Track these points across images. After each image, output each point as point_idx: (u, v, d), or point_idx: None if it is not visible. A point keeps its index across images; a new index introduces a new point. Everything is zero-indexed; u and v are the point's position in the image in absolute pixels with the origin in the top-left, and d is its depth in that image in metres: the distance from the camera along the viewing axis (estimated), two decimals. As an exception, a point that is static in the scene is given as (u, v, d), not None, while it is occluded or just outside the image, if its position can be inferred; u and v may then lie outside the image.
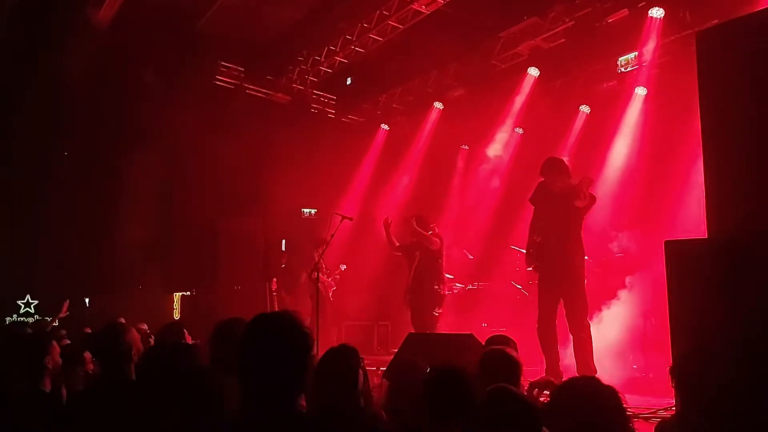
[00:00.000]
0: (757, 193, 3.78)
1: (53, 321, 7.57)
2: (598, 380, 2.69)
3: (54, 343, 3.47)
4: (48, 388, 3.39)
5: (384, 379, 3.57)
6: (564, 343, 6.45)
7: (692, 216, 7.20)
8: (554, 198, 6.41)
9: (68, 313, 7.55)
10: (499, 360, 3.26)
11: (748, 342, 3.40)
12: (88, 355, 4.03)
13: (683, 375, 3.01)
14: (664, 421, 3.38)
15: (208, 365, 3.00)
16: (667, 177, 8.23)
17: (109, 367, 3.30)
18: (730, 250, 3.74)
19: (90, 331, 7.50)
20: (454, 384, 2.68)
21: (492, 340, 4.11)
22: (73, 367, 3.80)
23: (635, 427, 2.56)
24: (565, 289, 6.25)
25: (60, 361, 3.48)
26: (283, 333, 2.10)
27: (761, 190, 3.76)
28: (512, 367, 3.25)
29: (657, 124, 8.90)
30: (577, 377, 2.97)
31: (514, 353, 3.33)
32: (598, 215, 7.28)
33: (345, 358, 2.99)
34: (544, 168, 6.49)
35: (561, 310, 6.37)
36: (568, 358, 6.44)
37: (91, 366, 4.00)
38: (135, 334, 3.43)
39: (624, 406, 2.52)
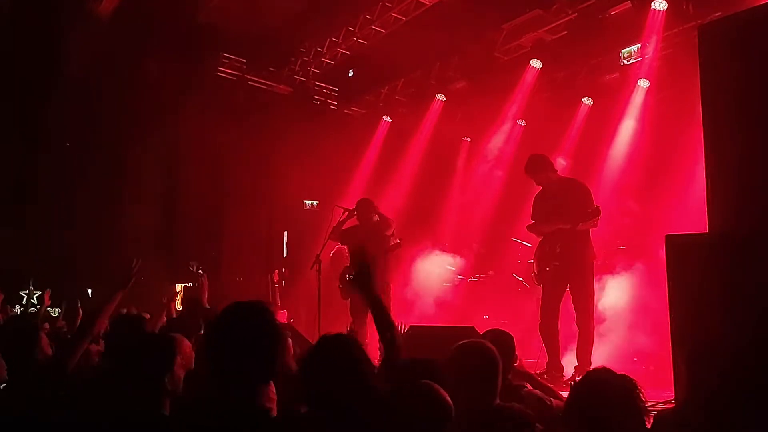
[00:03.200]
0: (758, 188, 3.79)
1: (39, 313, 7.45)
2: (613, 372, 2.70)
3: (42, 334, 3.49)
4: (37, 380, 3.39)
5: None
6: (564, 337, 6.47)
7: (694, 210, 7.21)
8: (558, 196, 6.42)
9: (50, 302, 7.51)
10: (471, 354, 3.09)
11: (747, 336, 3.41)
12: (93, 347, 4.04)
13: (687, 368, 3.03)
14: (662, 411, 3.40)
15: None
16: (669, 170, 8.24)
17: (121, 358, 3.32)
18: (730, 245, 3.75)
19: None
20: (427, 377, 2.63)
21: (488, 335, 4.12)
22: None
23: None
24: (574, 277, 6.24)
25: (50, 351, 3.50)
26: (252, 322, 2.11)
27: (763, 186, 3.76)
28: (485, 361, 3.04)
29: (659, 116, 8.90)
30: (594, 370, 2.96)
31: (491, 346, 3.14)
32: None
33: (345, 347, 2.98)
34: (527, 168, 6.56)
35: (563, 306, 6.38)
36: (568, 351, 6.48)
37: (96, 358, 4.02)
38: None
39: (641, 397, 2.54)
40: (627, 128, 9.42)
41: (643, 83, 9.20)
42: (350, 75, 11.54)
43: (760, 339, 3.32)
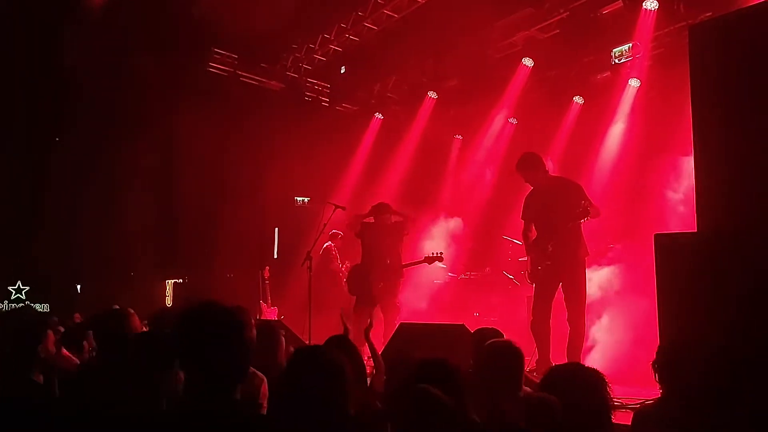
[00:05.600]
0: (746, 188, 3.82)
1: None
2: (581, 365, 2.75)
3: (50, 332, 3.45)
4: (40, 378, 3.37)
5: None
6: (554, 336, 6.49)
7: (683, 209, 7.26)
8: (549, 195, 6.42)
9: None
10: (503, 352, 3.26)
11: (732, 333, 3.45)
12: (86, 344, 4.03)
13: (665, 365, 3.07)
14: (643, 407, 3.43)
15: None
16: (658, 169, 8.27)
17: (109, 353, 3.31)
18: (718, 243, 3.78)
19: (79, 318, 7.50)
20: (444, 377, 2.67)
21: (478, 333, 4.14)
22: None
23: (616, 413, 2.61)
24: (566, 275, 6.24)
25: (54, 350, 3.47)
26: (209, 322, 2.15)
27: (751, 185, 3.79)
28: (516, 360, 3.25)
29: (650, 116, 8.94)
30: (562, 364, 3.01)
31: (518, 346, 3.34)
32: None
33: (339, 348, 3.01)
34: (519, 165, 6.56)
35: (555, 305, 6.38)
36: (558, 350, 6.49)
37: (87, 354, 4.00)
38: (137, 321, 3.45)
39: (609, 389, 2.58)
40: (617, 127, 9.45)
41: (634, 82, 9.24)
42: (342, 72, 11.52)
43: (744, 336, 3.36)
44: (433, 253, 8.15)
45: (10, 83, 9.44)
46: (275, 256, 11.98)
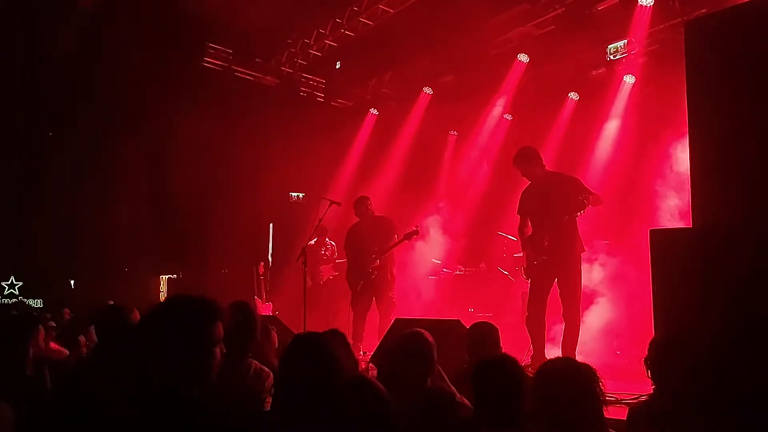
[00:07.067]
0: (741, 184, 3.83)
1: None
2: (575, 360, 2.76)
3: (40, 327, 3.44)
4: (31, 373, 3.35)
5: (371, 364, 3.62)
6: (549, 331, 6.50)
7: (678, 205, 7.28)
8: (546, 190, 6.41)
9: None
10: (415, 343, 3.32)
11: (725, 327, 3.46)
12: (82, 338, 4.02)
13: (656, 361, 3.08)
14: (637, 404, 3.44)
15: None
16: (653, 165, 8.29)
17: (111, 348, 3.30)
18: (713, 239, 3.78)
19: (70, 313, 7.46)
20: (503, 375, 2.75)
21: (474, 327, 4.15)
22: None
23: (609, 408, 2.63)
24: (562, 270, 6.23)
25: (44, 346, 3.46)
26: (174, 316, 2.13)
27: (746, 182, 3.80)
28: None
29: (645, 112, 8.95)
30: (555, 358, 3.01)
31: (428, 336, 3.39)
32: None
33: (331, 342, 3.00)
34: (516, 160, 6.54)
35: (551, 301, 6.39)
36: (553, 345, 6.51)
37: (84, 349, 3.99)
38: (138, 317, 3.44)
39: (601, 384, 2.58)
40: (612, 124, 9.47)
41: (629, 79, 9.25)
42: (337, 67, 11.50)
43: (735, 333, 3.37)
44: (410, 230, 8.06)
45: (4, 79, 9.39)
46: (270, 252, 11.97)
